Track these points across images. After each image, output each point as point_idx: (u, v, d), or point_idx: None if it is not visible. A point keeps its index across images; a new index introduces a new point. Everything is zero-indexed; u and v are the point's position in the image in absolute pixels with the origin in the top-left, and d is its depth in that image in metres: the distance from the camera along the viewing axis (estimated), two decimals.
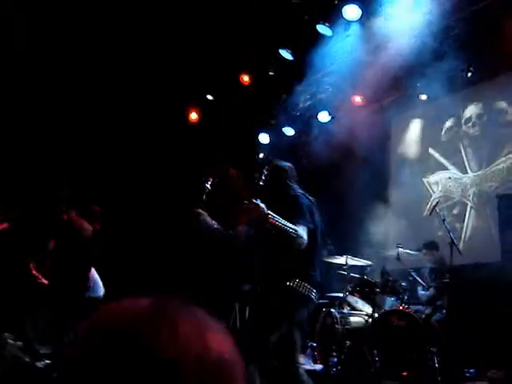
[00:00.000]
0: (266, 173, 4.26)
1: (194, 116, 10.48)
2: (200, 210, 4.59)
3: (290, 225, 3.87)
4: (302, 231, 3.90)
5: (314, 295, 4.01)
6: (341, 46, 8.16)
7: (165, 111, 10.02)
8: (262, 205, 3.86)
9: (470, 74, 8.04)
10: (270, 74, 9.15)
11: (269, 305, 3.99)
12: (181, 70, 9.01)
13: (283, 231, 3.86)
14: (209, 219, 4.73)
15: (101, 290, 7.03)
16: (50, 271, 6.14)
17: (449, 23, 7.46)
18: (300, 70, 8.76)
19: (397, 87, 8.66)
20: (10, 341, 4.83)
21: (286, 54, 8.66)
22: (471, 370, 5.92)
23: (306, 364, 6.72)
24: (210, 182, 4.58)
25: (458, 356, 5.99)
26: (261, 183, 4.23)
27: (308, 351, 7.13)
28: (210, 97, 9.93)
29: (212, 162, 9.17)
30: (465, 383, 5.61)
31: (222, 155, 9.47)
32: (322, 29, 7.92)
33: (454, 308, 6.21)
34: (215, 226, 4.78)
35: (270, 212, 3.84)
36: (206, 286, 5.99)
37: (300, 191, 4.27)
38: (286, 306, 3.93)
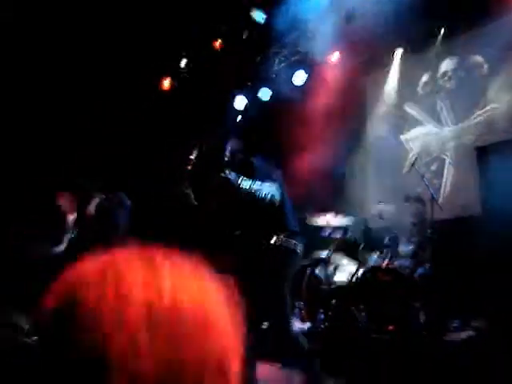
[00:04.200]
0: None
1: (166, 84, 10.29)
2: (188, 191, 4.45)
3: (259, 184, 3.96)
4: (269, 186, 3.98)
5: (299, 249, 4.03)
6: (314, 4, 8.05)
7: (137, 81, 9.87)
8: (232, 175, 3.96)
9: (442, 31, 8.08)
10: (243, 37, 9.04)
11: (258, 266, 4.00)
12: (151, 39, 8.84)
13: (256, 193, 3.92)
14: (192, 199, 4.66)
15: None
16: None
17: None
18: (273, 31, 8.66)
19: (372, 44, 8.60)
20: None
21: (257, 16, 8.54)
22: (456, 321, 6.03)
23: (294, 323, 6.80)
24: (194, 154, 4.43)
25: (442, 308, 6.10)
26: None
27: (295, 311, 7.19)
28: (183, 64, 9.78)
29: (190, 131, 9.11)
30: (450, 334, 5.70)
31: (199, 124, 9.39)
32: None
33: (437, 262, 6.29)
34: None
35: (239, 181, 3.95)
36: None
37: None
38: (275, 264, 3.93)
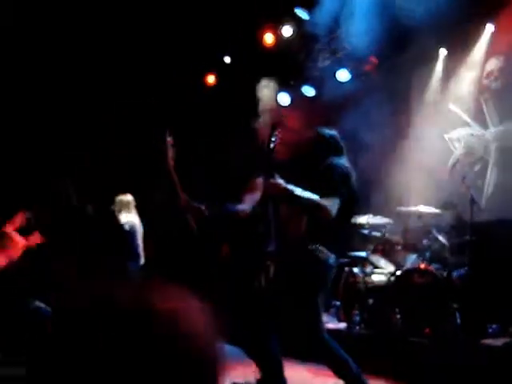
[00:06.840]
0: (276, 136, 4.16)
1: (211, 79, 10.42)
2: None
3: (312, 196, 3.84)
4: (329, 203, 3.84)
5: (332, 261, 4.03)
6: (358, 1, 8.03)
7: (182, 76, 10.00)
8: (280, 181, 3.86)
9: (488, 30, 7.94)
10: (287, 34, 9.06)
11: (291, 268, 4.05)
12: (197, 34, 8.96)
13: (303, 202, 3.88)
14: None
15: None
16: None
17: None
18: (317, 28, 8.66)
19: (415, 42, 8.51)
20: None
21: (301, 14, 8.55)
22: (493, 326, 5.95)
23: (330, 322, 6.84)
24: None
25: (480, 312, 6.02)
26: (271, 146, 4.13)
27: (332, 310, 7.23)
28: (227, 59, 9.87)
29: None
30: (487, 339, 5.64)
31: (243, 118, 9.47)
32: None
33: (475, 264, 6.22)
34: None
35: (287, 186, 3.85)
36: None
37: (338, 162, 4.18)
38: (307, 270, 3.97)
